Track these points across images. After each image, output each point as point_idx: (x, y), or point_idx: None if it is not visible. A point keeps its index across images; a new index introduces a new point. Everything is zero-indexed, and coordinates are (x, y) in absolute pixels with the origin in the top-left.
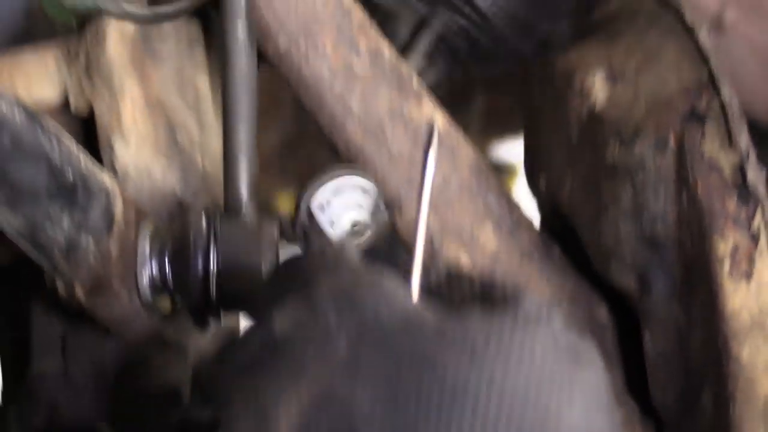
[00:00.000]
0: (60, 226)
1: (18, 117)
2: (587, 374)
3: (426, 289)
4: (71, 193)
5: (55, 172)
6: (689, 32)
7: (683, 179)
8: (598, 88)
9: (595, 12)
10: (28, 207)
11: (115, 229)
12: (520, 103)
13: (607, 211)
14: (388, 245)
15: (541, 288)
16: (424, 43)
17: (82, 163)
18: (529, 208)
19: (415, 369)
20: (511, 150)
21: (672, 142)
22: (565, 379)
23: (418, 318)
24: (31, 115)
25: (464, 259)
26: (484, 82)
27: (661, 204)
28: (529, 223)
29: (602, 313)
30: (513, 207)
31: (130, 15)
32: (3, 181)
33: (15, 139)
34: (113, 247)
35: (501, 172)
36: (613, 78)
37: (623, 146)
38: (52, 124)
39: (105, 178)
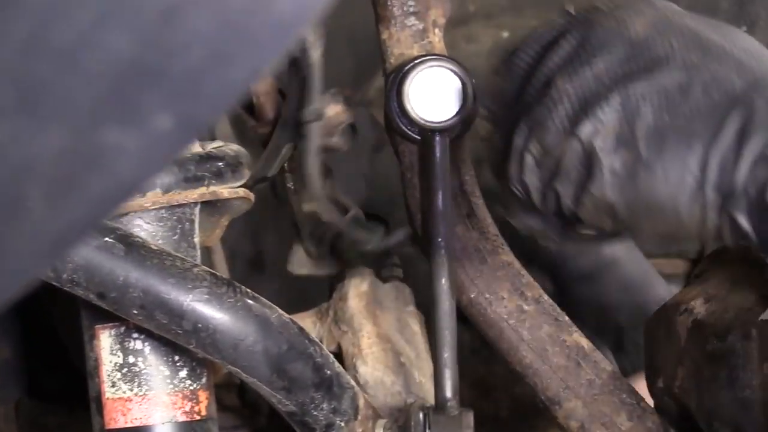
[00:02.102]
0: (321, 410)
1: (292, 329)
2: None
3: None
4: (329, 385)
5: (317, 369)
6: (763, 264)
7: (764, 355)
8: (698, 306)
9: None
10: (300, 394)
11: (360, 417)
12: (645, 346)
13: (709, 386)
14: None
15: None
16: None
17: (336, 365)
18: None
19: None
20: None
21: (754, 333)
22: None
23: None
24: (300, 327)
25: None
26: None
27: (748, 375)
28: (653, 411)
29: None
30: (640, 399)
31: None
32: (282, 375)
33: (290, 345)
34: (358, 430)
35: None
36: (708, 300)
37: (719, 340)
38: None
39: (351, 380)
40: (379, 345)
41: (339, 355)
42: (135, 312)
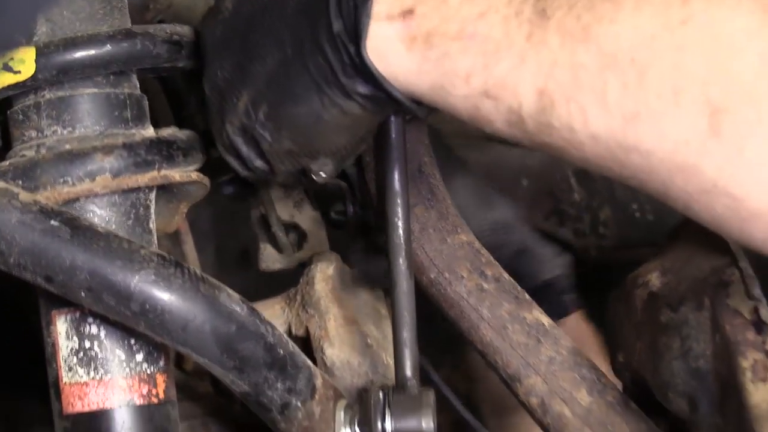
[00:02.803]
0: (275, 390)
1: (243, 309)
2: None
3: None
4: (282, 365)
5: (269, 348)
6: (717, 236)
7: (716, 325)
8: (654, 279)
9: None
10: (252, 374)
11: (317, 396)
12: (607, 321)
13: (663, 357)
14: None
15: (622, 429)
16: None
17: (290, 345)
18: None
19: None
20: None
21: (707, 303)
22: None
23: None
24: (251, 307)
25: (566, 411)
26: None
27: (701, 346)
28: (613, 386)
29: None
30: (600, 375)
31: None
32: (233, 354)
33: (240, 325)
34: (316, 409)
35: None
36: (663, 273)
37: (672, 311)
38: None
39: (308, 360)
40: (346, 327)
41: (307, 338)
42: (83, 295)
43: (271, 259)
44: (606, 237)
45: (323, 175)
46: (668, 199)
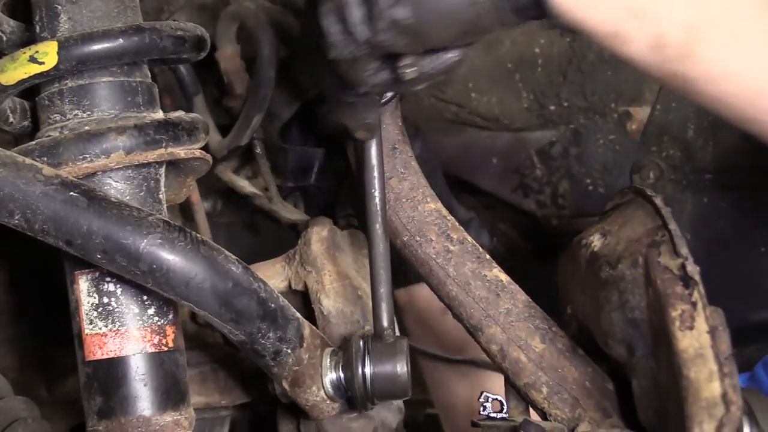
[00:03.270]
0: (267, 338)
1: (238, 268)
2: None
3: None
4: (274, 316)
5: (262, 302)
6: (650, 202)
7: (649, 280)
8: (596, 240)
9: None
10: (247, 325)
11: (305, 344)
12: (557, 278)
13: (604, 309)
14: None
15: (571, 372)
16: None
17: (280, 299)
18: None
19: None
20: None
21: (641, 260)
22: None
23: None
24: (246, 267)
25: (522, 357)
26: None
27: (637, 298)
28: (563, 334)
29: (608, 382)
30: (552, 325)
31: None
32: (229, 308)
33: (235, 282)
34: (304, 356)
35: None
36: (604, 235)
37: (611, 268)
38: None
39: (297, 313)
40: (339, 281)
41: (305, 292)
42: (99, 256)
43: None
44: (564, 207)
45: (408, 73)
46: None
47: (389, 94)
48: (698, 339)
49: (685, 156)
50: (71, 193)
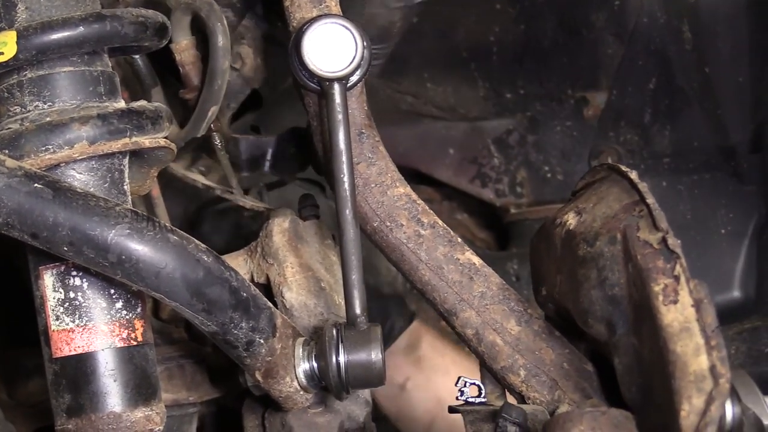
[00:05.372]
0: (240, 329)
1: (208, 257)
2: None
3: None
4: (246, 306)
5: (234, 291)
6: (625, 177)
7: (628, 256)
8: (571, 218)
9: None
10: (219, 315)
11: (278, 334)
12: (530, 260)
13: (582, 287)
14: None
15: (548, 354)
16: None
17: (252, 289)
18: None
19: None
20: None
21: (619, 236)
22: None
23: None
24: (216, 256)
25: (498, 340)
26: None
27: (616, 275)
28: (539, 315)
29: (587, 363)
30: (526, 307)
31: None
32: (201, 298)
33: (207, 271)
34: (277, 346)
35: None
36: (578, 213)
37: (589, 245)
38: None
39: (268, 302)
40: (302, 273)
41: (268, 285)
42: (65, 249)
43: None
44: (523, 195)
45: None
46: None
47: (354, 79)
48: (683, 313)
49: (643, 140)
50: (35, 184)
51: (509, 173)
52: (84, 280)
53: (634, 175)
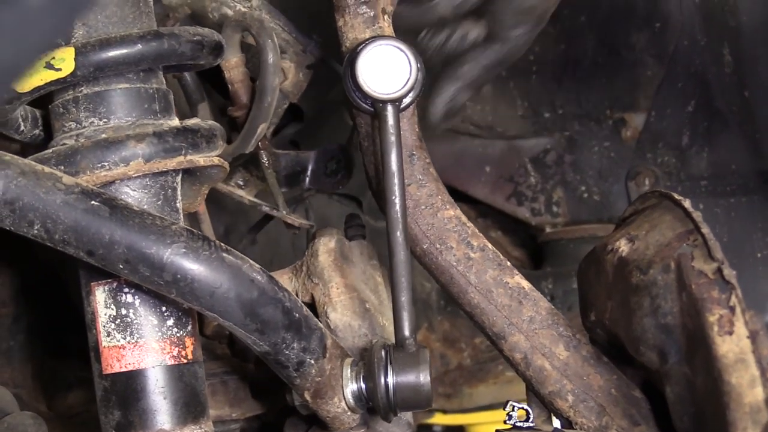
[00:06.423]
0: (292, 349)
1: (263, 278)
2: None
3: None
4: (298, 326)
5: (287, 312)
6: (678, 205)
7: (682, 285)
8: (623, 245)
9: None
10: (272, 335)
11: (328, 355)
12: (579, 285)
13: (635, 315)
14: None
15: (597, 380)
16: None
17: (304, 309)
18: None
19: None
20: None
21: (673, 265)
22: None
23: None
24: (270, 276)
25: (546, 365)
26: None
27: (669, 304)
28: (587, 341)
29: (635, 389)
30: (575, 332)
31: None
32: (255, 318)
33: (261, 291)
34: (327, 367)
35: None
36: (631, 240)
37: (642, 273)
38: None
39: (319, 323)
40: (347, 294)
41: (312, 304)
42: (121, 266)
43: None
44: (559, 215)
45: None
46: None
47: (407, 101)
48: (738, 344)
49: (680, 163)
50: (92, 202)
51: (545, 192)
52: (136, 297)
53: (687, 203)
